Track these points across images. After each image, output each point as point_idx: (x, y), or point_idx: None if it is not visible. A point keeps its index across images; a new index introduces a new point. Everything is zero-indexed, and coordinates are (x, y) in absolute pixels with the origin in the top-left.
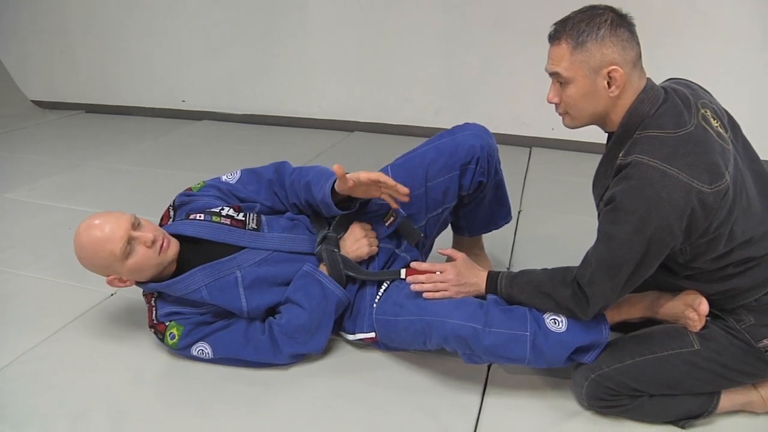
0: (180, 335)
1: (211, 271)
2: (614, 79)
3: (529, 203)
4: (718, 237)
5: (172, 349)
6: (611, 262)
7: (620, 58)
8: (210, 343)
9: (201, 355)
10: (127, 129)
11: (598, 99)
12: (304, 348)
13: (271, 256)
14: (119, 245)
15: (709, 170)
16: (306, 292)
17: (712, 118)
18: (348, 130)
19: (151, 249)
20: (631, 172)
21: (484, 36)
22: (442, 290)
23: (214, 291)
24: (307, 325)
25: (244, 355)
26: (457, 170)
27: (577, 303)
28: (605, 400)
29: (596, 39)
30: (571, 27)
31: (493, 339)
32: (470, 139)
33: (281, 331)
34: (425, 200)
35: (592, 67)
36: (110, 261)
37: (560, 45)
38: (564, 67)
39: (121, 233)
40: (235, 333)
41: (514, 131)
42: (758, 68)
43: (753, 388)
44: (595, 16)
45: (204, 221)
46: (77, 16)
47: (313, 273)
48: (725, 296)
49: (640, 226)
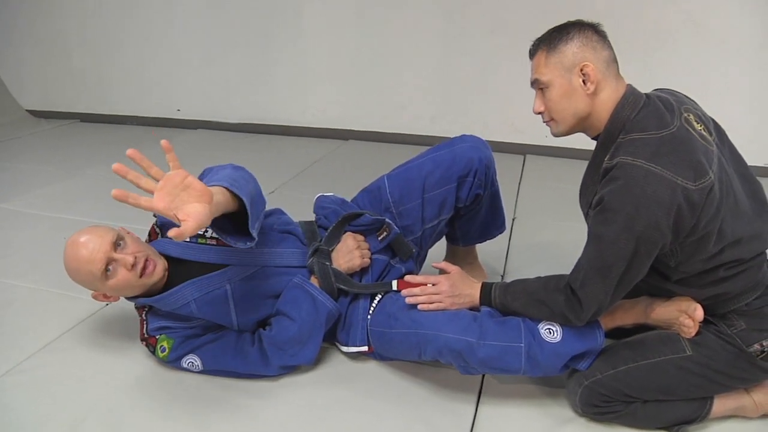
0: (170, 348)
1: (200, 285)
2: (588, 75)
3: (524, 211)
4: (707, 235)
5: (163, 361)
6: (602, 262)
7: (591, 56)
8: (199, 355)
9: (191, 368)
10: (122, 138)
11: (577, 98)
12: (293, 360)
13: (260, 270)
14: (98, 266)
15: (694, 168)
16: (296, 304)
17: (696, 121)
18: (343, 138)
19: (131, 272)
20: (617, 173)
21: (479, 44)
22: (437, 302)
23: (203, 305)
24: (297, 336)
25: (233, 367)
26: (455, 182)
27: (570, 308)
28: (599, 407)
29: (567, 41)
30: (545, 38)
31: (487, 351)
32: (468, 151)
33: (271, 342)
34: (422, 212)
35: (566, 67)
36: (91, 280)
37: (537, 55)
38: (542, 72)
39: (100, 255)
40: (224, 345)
41: (508, 139)
42: (751, 76)
43: (746, 392)
44: (566, 25)
45: (190, 243)
46: (72, 25)
47: (303, 285)
48: (716, 301)
49: (628, 224)
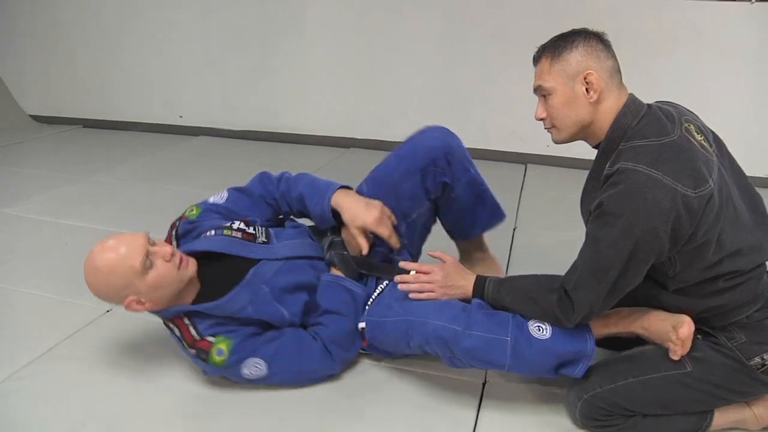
0: (229, 350)
1: (249, 287)
2: (591, 84)
3: (525, 220)
4: (706, 244)
5: (218, 368)
6: (597, 265)
7: (595, 64)
8: (263, 356)
9: (251, 374)
10: (124, 144)
11: (580, 105)
12: (349, 353)
13: (284, 264)
14: (139, 259)
15: (693, 175)
16: (339, 300)
17: (696, 132)
18: (345, 146)
19: (170, 263)
20: (618, 179)
21: (480, 51)
22: (428, 291)
23: (258, 305)
24: (352, 329)
25: (302, 364)
26: (418, 174)
27: (562, 309)
28: (599, 420)
29: (571, 49)
30: (550, 45)
31: (473, 342)
32: (427, 141)
33: (332, 340)
34: (400, 208)
35: (569, 75)
36: (129, 278)
37: (541, 62)
38: (545, 79)
39: (139, 248)
40: (287, 343)
41: (510, 147)
42: (752, 85)
43: (746, 405)
44: (571, 33)
45: (216, 236)
46: (75, 31)
47: (336, 280)
48: (716, 313)
49: (626, 228)
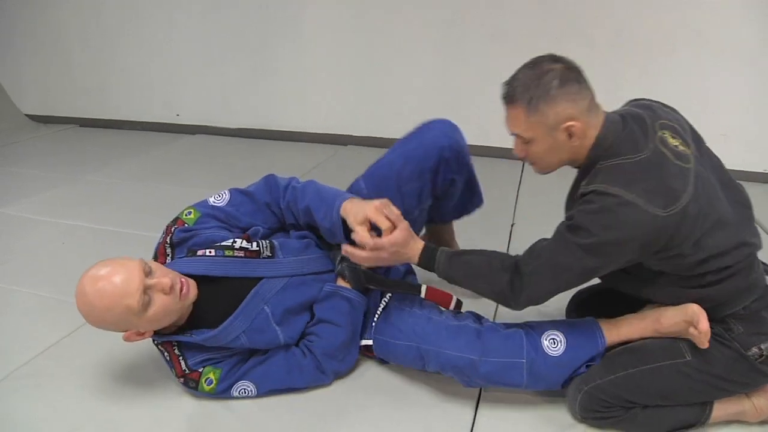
0: (218, 379)
1: (245, 314)
2: (573, 133)
3: (522, 217)
4: (681, 254)
5: (209, 395)
6: (559, 263)
7: (575, 111)
8: (252, 380)
9: (243, 395)
10: (121, 143)
11: (562, 150)
12: (343, 365)
13: (290, 281)
14: (136, 298)
15: (665, 194)
16: (337, 310)
17: (671, 137)
18: (342, 143)
19: (170, 296)
20: (591, 198)
21: (479, 50)
22: (376, 258)
23: (252, 334)
24: (347, 341)
25: (290, 383)
26: (428, 174)
27: (512, 290)
28: (599, 412)
29: (547, 100)
30: (521, 90)
31: (489, 368)
32: (438, 139)
33: (323, 352)
34: (402, 206)
35: (549, 126)
36: (126, 317)
37: (515, 107)
38: (522, 129)
39: (135, 284)
40: (276, 364)
41: (508, 145)
42: (751, 83)
43: (745, 397)
44: (543, 74)
45: (216, 257)
46: (72, 30)
47: (337, 290)
48: (712, 305)
49: (594, 245)
